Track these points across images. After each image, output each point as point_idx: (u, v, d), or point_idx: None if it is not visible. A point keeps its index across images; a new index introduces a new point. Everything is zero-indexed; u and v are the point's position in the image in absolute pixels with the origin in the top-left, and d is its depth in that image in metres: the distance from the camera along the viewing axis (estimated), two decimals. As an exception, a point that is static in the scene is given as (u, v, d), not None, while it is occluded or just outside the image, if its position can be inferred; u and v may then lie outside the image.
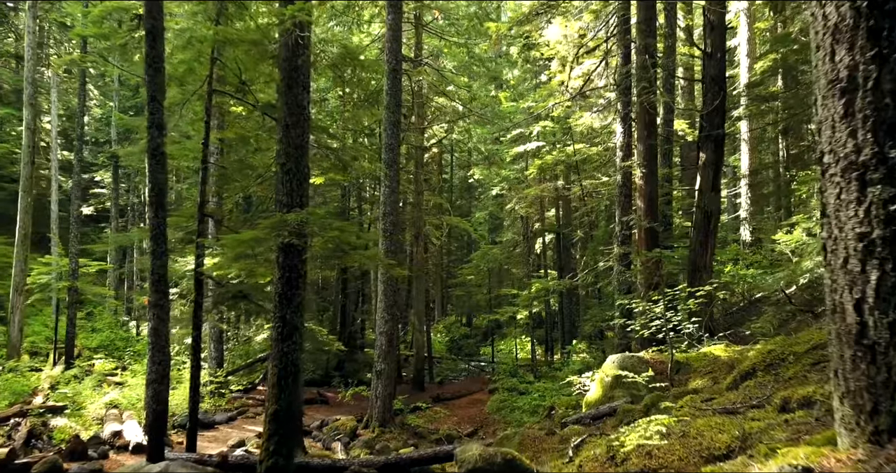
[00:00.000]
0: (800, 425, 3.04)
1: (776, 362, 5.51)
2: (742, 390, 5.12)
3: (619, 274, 13.00)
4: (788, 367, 5.26)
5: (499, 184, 26.61)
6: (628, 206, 13.49)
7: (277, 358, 6.85)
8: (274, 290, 7.02)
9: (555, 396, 16.54)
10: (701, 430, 3.52)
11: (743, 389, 5.15)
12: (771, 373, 5.39)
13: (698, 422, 3.81)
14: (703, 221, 12.37)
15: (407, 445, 13.73)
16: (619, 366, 8.63)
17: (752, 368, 5.69)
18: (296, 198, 7.01)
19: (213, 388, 15.46)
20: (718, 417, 3.93)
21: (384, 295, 14.44)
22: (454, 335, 34.33)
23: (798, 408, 3.44)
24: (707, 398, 5.12)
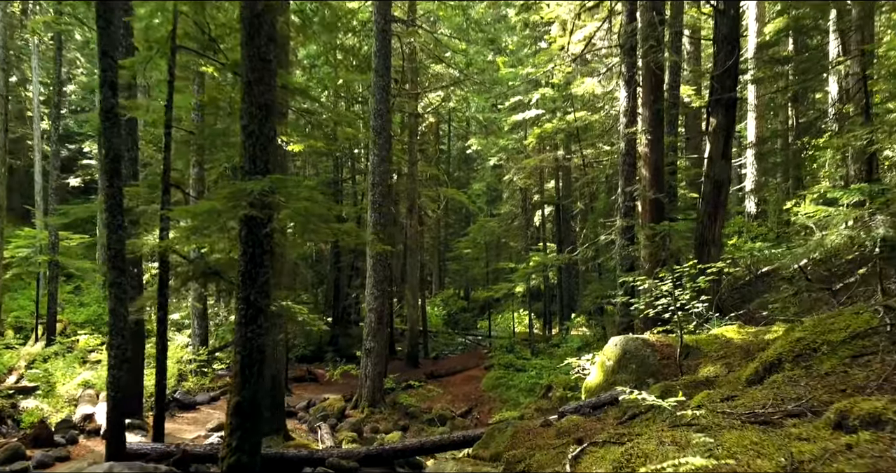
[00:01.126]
0: (875, 458, 2.30)
1: (806, 352, 4.77)
2: (769, 387, 4.38)
3: (622, 248, 12.23)
4: (823, 360, 4.51)
5: (496, 154, 25.67)
6: (632, 176, 12.66)
7: (241, 345, 6.11)
8: (237, 268, 6.25)
9: (552, 374, 15.93)
10: (733, 451, 2.78)
11: (770, 386, 4.41)
12: (801, 366, 4.65)
13: (726, 437, 3.07)
14: (713, 191, 11.55)
15: (397, 426, 13.15)
16: (622, 349, 7.92)
17: (777, 358, 4.95)
18: (259, 164, 6.19)
19: (196, 367, 14.82)
20: (751, 430, 3.19)
21: (374, 271, 13.69)
22: (451, 308, 33.74)
23: (862, 427, 2.70)
24: (728, 395, 4.38)
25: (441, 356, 24.47)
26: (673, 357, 7.63)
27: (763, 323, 9.59)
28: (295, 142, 9.93)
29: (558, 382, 14.48)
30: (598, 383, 8.07)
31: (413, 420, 14.02)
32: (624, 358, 7.83)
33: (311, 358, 23.44)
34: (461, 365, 20.80)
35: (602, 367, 8.15)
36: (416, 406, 14.74)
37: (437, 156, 32.90)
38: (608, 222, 15.27)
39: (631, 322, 11.91)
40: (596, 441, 4.37)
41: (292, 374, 18.19)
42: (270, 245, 6.32)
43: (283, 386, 10.96)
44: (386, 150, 13.78)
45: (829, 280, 10.08)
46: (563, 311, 25.36)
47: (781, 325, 7.48)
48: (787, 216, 21.92)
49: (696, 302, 8.34)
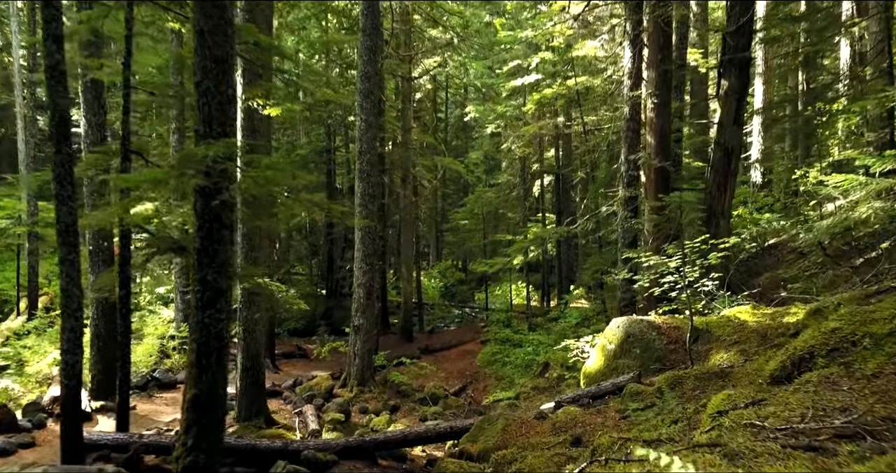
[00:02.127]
0: None
1: (844, 346, 4.08)
2: (803, 390, 3.69)
3: (624, 220, 11.50)
4: (866, 357, 3.82)
5: (494, 121, 24.73)
6: (636, 143, 11.85)
7: (197, 331, 5.42)
8: (192, 245, 5.52)
9: (549, 351, 15.34)
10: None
11: (803, 388, 3.72)
12: (838, 363, 3.96)
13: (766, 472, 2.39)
14: (723, 159, 10.78)
15: (387, 406, 12.60)
16: (625, 332, 7.24)
17: (808, 352, 4.25)
18: (216, 126, 5.41)
19: (178, 344, 14.20)
20: (797, 460, 2.51)
21: (362, 244, 12.98)
22: (448, 280, 33.13)
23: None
24: (753, 399, 3.70)
25: (437, 329, 23.93)
26: (681, 340, 6.96)
27: (774, 301, 8.92)
28: (271, 107, 9.11)
29: (555, 360, 13.90)
30: (598, 368, 7.43)
31: (404, 398, 13.46)
32: (627, 342, 7.17)
33: (303, 332, 22.90)
34: (456, 339, 20.25)
35: (603, 351, 7.49)
36: (408, 383, 14.18)
37: (434, 124, 31.97)
38: (610, 192, 14.50)
39: (633, 298, 11.25)
40: (598, 457, 3.69)
41: (281, 350, 17.64)
42: (230, 219, 5.58)
43: (263, 367, 10.34)
44: (374, 116, 12.94)
45: (847, 254, 9.38)
46: (561, 283, 24.73)
47: (800, 306, 6.79)
48: (796, 186, 21.15)
49: (705, 279, 7.66)
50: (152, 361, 13.03)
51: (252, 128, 9.93)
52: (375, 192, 13.17)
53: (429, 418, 12.17)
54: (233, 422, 10.12)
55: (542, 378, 14.12)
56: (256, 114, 9.85)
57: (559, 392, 12.12)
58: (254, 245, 9.99)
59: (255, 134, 9.98)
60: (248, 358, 10.00)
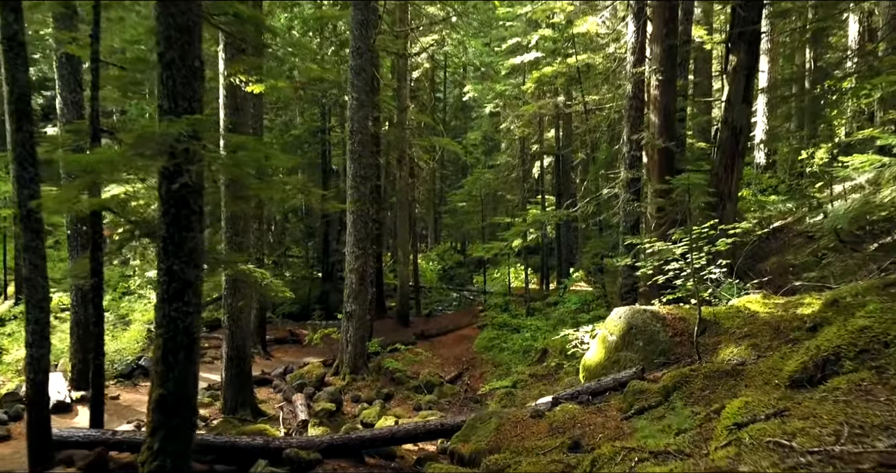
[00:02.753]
0: None
1: (875, 348, 3.64)
2: (832, 398, 3.26)
3: (626, 203, 11.03)
4: (902, 360, 3.38)
5: (493, 100, 24.12)
6: (638, 122, 11.34)
7: (163, 326, 4.98)
8: (157, 233, 5.07)
9: (548, 336, 14.97)
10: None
11: (832, 396, 3.29)
12: (869, 367, 3.53)
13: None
14: (730, 139, 10.30)
15: (380, 394, 12.24)
16: (627, 323, 6.82)
17: (834, 353, 3.82)
18: (181, 102, 4.92)
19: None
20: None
21: (353, 228, 12.52)
22: (447, 263, 32.71)
23: None
24: (776, 409, 3.26)
25: (434, 313, 23.56)
26: (686, 332, 6.54)
27: (784, 289, 8.49)
28: (254, 83, 8.59)
29: (554, 346, 13.52)
30: (598, 361, 7.01)
31: (399, 386, 13.11)
32: (629, 334, 6.74)
33: (297, 316, 22.54)
34: (453, 323, 19.87)
35: (603, 343, 7.07)
36: (403, 370, 13.82)
37: (432, 103, 31.32)
38: (611, 174, 14.03)
39: (634, 284, 10.82)
40: (598, 470, 3.27)
41: (274, 335, 17.27)
42: (199, 203, 5.11)
43: (249, 357, 9.94)
44: (366, 94, 12.40)
45: (861, 240, 8.93)
46: (560, 266, 24.28)
47: (815, 296, 6.35)
48: (801, 167, 20.61)
49: (712, 266, 7.22)
50: (139, 348, 12.65)
51: (235, 106, 9.43)
52: (368, 174, 12.68)
53: (423, 407, 11.83)
54: (218, 413, 9.77)
55: (540, 365, 13.76)
56: (240, 91, 9.33)
57: (557, 380, 11.76)
58: (238, 229, 9.54)
59: (239, 112, 9.48)
60: (233, 347, 9.60)
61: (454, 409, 12.00)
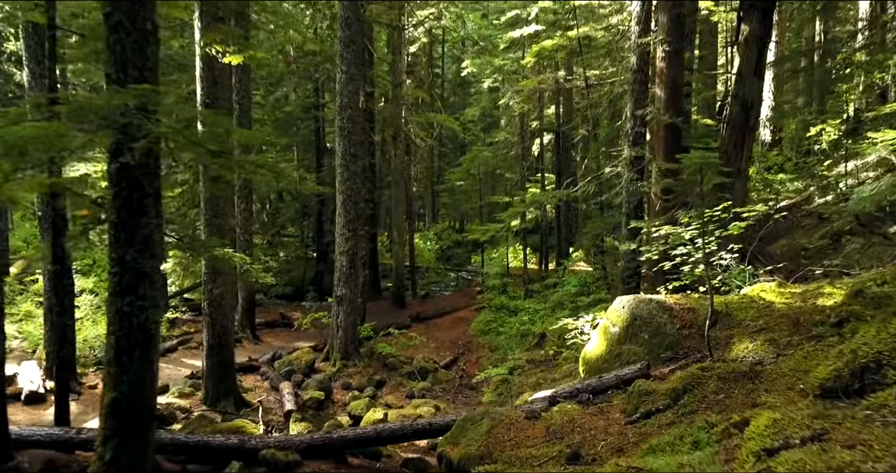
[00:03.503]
0: None
1: (925, 355, 3.12)
2: (875, 417, 2.76)
3: (629, 183, 10.44)
4: (962, 374, 2.86)
5: (491, 75, 23.38)
6: (643, 97, 10.69)
7: (115, 322, 4.47)
8: (108, 219, 4.52)
9: (546, 319, 14.52)
10: None
11: (877, 414, 2.79)
12: (920, 378, 3.01)
13: None
14: (740, 114, 9.70)
15: (372, 381, 11.80)
16: (631, 314, 6.30)
17: (874, 360, 3.30)
18: (131, 70, 4.35)
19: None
20: None
21: (343, 208, 11.96)
22: (445, 242, 32.17)
23: None
24: (814, 431, 2.76)
25: (431, 294, 23.10)
26: (695, 324, 6.03)
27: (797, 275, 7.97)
28: (231, 55, 7.97)
29: (553, 330, 13.08)
30: (599, 354, 6.51)
31: (391, 372, 12.67)
32: (633, 325, 6.24)
33: (291, 297, 22.09)
34: (450, 305, 19.43)
35: (605, 334, 6.57)
36: (396, 355, 13.38)
37: (430, 79, 30.55)
38: (613, 152, 13.43)
39: (637, 268, 10.30)
40: None
41: (264, 319, 16.81)
42: (154, 185, 4.56)
43: (232, 345, 9.46)
44: (356, 67, 11.75)
45: (879, 221, 8.39)
46: (560, 245, 23.74)
47: (836, 285, 5.82)
48: (809, 144, 19.96)
49: (723, 252, 6.70)
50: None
51: (213, 79, 8.81)
52: (358, 151, 12.08)
53: (416, 395, 11.40)
54: (199, 404, 9.32)
55: (539, 349, 13.31)
56: (217, 63, 8.71)
57: (556, 366, 11.30)
58: (218, 210, 8.99)
59: (217, 85, 8.87)
60: (214, 335, 9.12)
61: (448, 397, 11.59)
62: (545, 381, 10.49)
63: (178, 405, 8.97)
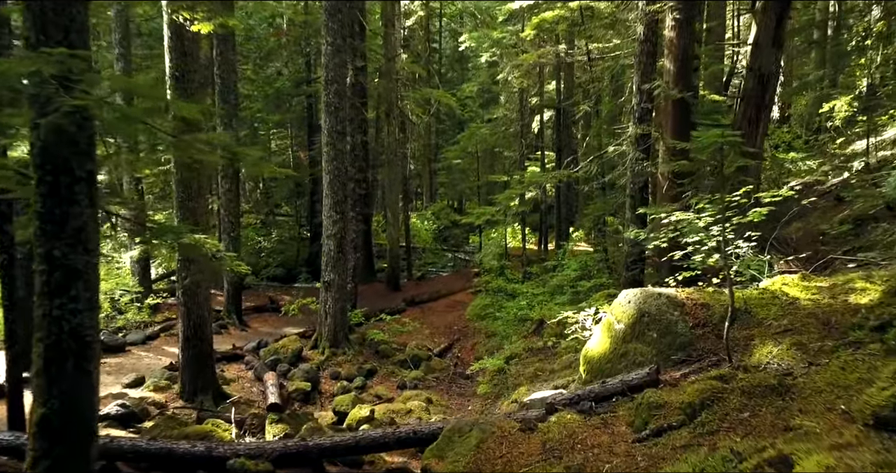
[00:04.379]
0: None
1: None
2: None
3: (634, 162, 9.77)
4: None
5: (490, 48, 22.48)
6: (650, 70, 9.96)
7: (44, 328, 3.85)
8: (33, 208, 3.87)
9: (545, 304, 13.95)
10: None
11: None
12: None
13: None
14: (756, 88, 9.01)
15: (362, 370, 11.26)
16: (638, 310, 5.69)
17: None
18: (53, 32, 3.67)
19: (130, 299, 12.74)
20: None
21: (330, 189, 11.30)
22: (442, 222, 31.46)
23: None
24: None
25: (427, 276, 22.52)
26: (710, 323, 5.42)
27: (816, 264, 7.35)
28: (199, 21, 7.25)
29: (551, 316, 12.51)
30: (603, 352, 5.91)
31: (383, 360, 12.13)
32: (640, 322, 5.63)
33: (284, 278, 21.51)
34: (446, 288, 18.85)
35: (609, 331, 5.96)
36: (388, 342, 12.83)
37: (427, 54, 29.67)
38: (617, 129, 12.71)
39: (641, 253, 9.68)
40: None
41: (253, 303, 16.23)
42: (88, 168, 3.90)
43: (210, 335, 8.87)
44: (343, 38, 10.99)
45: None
46: (560, 225, 23.09)
47: (868, 279, 5.20)
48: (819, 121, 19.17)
49: (741, 241, 6.06)
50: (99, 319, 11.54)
51: (182, 49, 8.09)
52: (346, 129, 11.38)
53: (407, 385, 10.87)
54: (175, 398, 8.76)
55: (537, 336, 12.75)
56: (187, 32, 7.99)
57: (555, 354, 10.72)
58: (191, 193, 8.33)
59: (188, 57, 8.15)
60: (189, 326, 8.52)
61: (442, 387, 11.05)
62: (543, 372, 9.94)
63: (153, 399, 8.40)
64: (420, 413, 8.63)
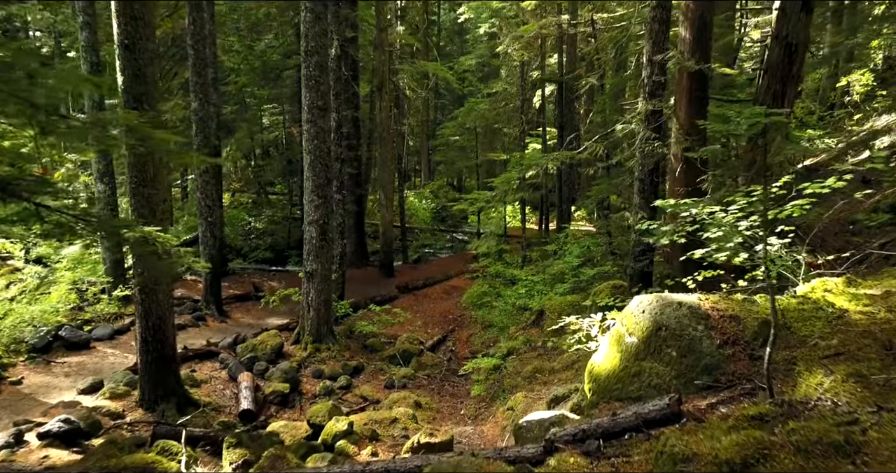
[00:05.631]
0: None
1: None
2: None
3: (644, 142, 8.81)
4: None
5: (489, 19, 21.33)
6: (663, 39, 8.94)
7: None
8: None
9: (544, 292, 13.08)
10: None
11: None
12: None
13: None
14: (783, 59, 7.98)
15: (347, 368, 10.45)
16: (654, 322, 4.79)
17: None
18: None
19: (97, 291, 11.86)
20: None
21: (312, 171, 10.35)
22: (441, 201, 30.47)
23: None
24: None
25: (424, 259, 21.66)
26: (741, 340, 4.52)
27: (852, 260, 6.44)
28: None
29: (551, 307, 11.66)
30: (612, 370, 5.04)
31: (371, 355, 11.32)
32: (657, 337, 4.74)
33: (273, 261, 20.60)
34: (442, 272, 18.01)
35: (619, 344, 5.07)
36: (378, 335, 12.01)
37: (425, 26, 28.44)
38: (624, 105, 11.71)
39: (651, 247, 8.77)
40: None
41: (237, 291, 15.37)
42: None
43: (171, 336, 7.98)
44: (322, 4, 9.95)
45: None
46: (561, 206, 22.10)
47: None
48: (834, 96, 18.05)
49: (774, 238, 5.15)
50: (61, 314, 10.68)
51: (132, 14, 7.09)
52: (328, 104, 10.38)
53: (396, 384, 10.07)
54: (134, 407, 7.94)
55: (537, 327, 11.90)
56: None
57: (556, 350, 9.90)
58: (147, 177, 7.38)
59: (138, 22, 7.15)
60: (147, 327, 7.65)
61: (433, 386, 10.25)
62: (542, 372, 9.10)
63: (107, 409, 7.58)
64: (406, 421, 7.81)
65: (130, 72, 7.15)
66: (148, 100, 7.27)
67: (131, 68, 7.12)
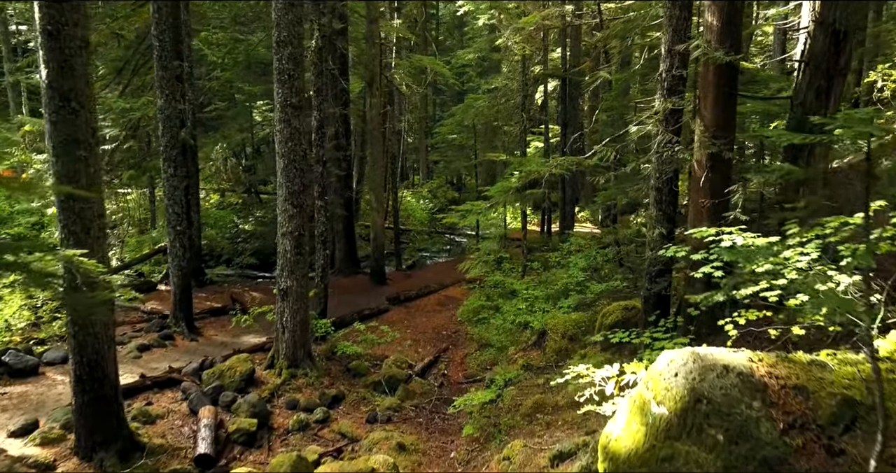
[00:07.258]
0: None
1: None
2: None
3: (662, 146, 7.64)
4: None
5: (488, 10, 20.13)
6: (684, 26, 7.76)
7: None
8: None
9: (547, 308, 11.93)
10: None
11: None
12: None
13: None
14: (827, 49, 6.84)
15: (325, 397, 9.34)
16: (692, 391, 3.64)
17: None
18: None
19: (53, 308, 10.74)
20: None
21: (285, 176, 9.20)
22: (439, 201, 29.29)
23: None
24: None
25: (419, 264, 20.54)
26: (813, 422, 3.37)
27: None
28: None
29: (555, 327, 10.55)
30: (634, 449, 3.88)
31: (354, 381, 10.19)
32: (696, 411, 3.59)
33: (260, 267, 19.47)
34: (437, 281, 16.87)
35: (643, 414, 3.92)
36: (363, 355, 10.90)
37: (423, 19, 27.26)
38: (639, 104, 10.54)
39: (669, 268, 7.62)
40: None
41: (212, 303, 14.22)
42: None
43: (112, 372, 6.87)
44: (297, -13, 8.79)
45: None
46: (564, 207, 20.91)
47: None
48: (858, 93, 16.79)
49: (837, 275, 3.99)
50: (14, 333, 9.58)
51: None
52: (302, 102, 9.22)
53: (379, 418, 8.95)
54: (69, 455, 6.81)
55: (538, 349, 10.80)
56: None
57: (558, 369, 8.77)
58: (79, 187, 6.23)
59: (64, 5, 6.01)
60: (82, 363, 6.53)
61: (421, 419, 9.11)
62: (544, 410, 7.97)
63: (35, 459, 6.47)
64: (386, 472, 6.70)
65: (55, 64, 6.01)
66: (78, 98, 6.13)
67: (56, 59, 5.99)
